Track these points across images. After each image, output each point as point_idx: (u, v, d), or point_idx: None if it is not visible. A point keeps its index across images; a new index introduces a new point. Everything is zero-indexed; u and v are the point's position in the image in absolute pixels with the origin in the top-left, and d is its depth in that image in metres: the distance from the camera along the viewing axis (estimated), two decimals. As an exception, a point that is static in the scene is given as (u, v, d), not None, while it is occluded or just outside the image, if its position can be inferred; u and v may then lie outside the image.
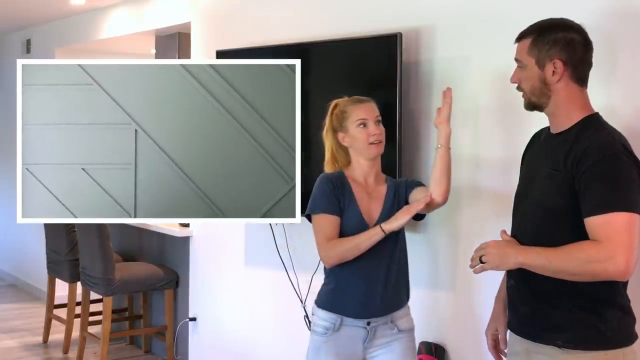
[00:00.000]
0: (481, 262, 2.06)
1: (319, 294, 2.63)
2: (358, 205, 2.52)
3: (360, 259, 2.48)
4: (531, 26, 2.10)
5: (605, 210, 1.88)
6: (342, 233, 2.52)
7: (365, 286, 2.50)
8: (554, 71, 2.03)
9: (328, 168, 2.66)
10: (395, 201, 2.56)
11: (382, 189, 2.59)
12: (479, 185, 2.93)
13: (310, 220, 2.60)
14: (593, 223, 1.90)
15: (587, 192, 1.92)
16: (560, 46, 2.03)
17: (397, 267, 2.55)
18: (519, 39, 2.11)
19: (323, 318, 2.55)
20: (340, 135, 2.58)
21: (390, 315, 2.54)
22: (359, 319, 2.52)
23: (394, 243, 2.52)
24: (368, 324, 2.52)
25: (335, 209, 2.51)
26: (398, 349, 2.55)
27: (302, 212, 2.64)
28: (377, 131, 2.52)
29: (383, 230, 2.43)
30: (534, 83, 2.06)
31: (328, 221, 2.51)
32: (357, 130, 2.53)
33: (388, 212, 2.52)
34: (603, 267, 1.88)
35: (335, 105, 2.63)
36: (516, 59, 2.11)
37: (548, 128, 2.16)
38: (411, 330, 2.61)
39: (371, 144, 2.52)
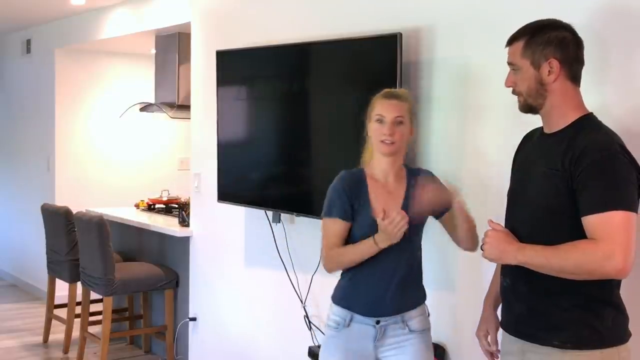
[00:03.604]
0: (481, 249, 2.07)
1: (335, 288, 2.64)
2: (372, 206, 2.50)
3: (373, 258, 2.48)
4: (521, 29, 2.10)
5: (603, 208, 1.89)
6: (353, 234, 2.52)
7: (375, 286, 2.51)
8: (549, 71, 2.03)
9: (364, 157, 2.63)
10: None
11: (402, 187, 2.56)
12: (479, 185, 2.93)
13: None
14: (590, 221, 1.91)
15: (584, 190, 1.93)
16: (554, 45, 2.03)
17: (410, 268, 2.54)
18: (510, 42, 2.11)
19: (335, 313, 2.57)
20: (368, 125, 2.57)
21: (401, 315, 2.53)
22: (368, 317, 2.52)
23: (408, 244, 2.50)
24: (377, 322, 2.52)
25: (345, 214, 2.51)
26: (410, 350, 2.54)
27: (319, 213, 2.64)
28: (388, 131, 2.47)
29: (377, 244, 2.43)
30: (530, 84, 2.06)
31: (335, 226, 2.52)
32: (374, 125, 2.52)
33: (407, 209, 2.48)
34: (601, 266, 1.88)
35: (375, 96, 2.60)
36: (509, 63, 2.11)
37: (541, 128, 2.17)
38: (424, 330, 2.58)
39: (382, 141, 2.50)
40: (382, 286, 2.50)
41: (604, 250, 1.87)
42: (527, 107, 2.11)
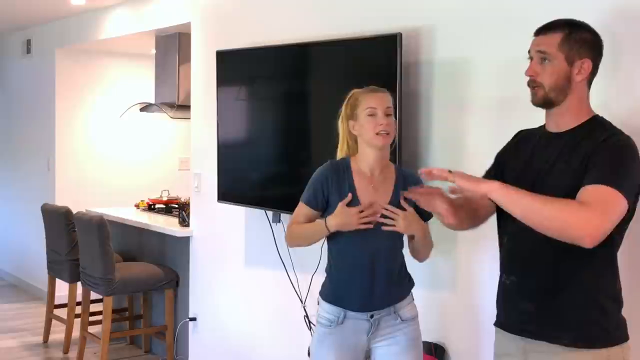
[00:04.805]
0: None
1: (323, 285, 2.66)
2: (359, 197, 2.53)
3: (359, 254, 2.53)
4: (558, 21, 2.08)
5: (602, 182, 1.89)
6: None
7: (365, 281, 2.53)
8: (579, 70, 2.03)
9: (340, 155, 2.67)
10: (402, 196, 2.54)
11: (390, 183, 2.58)
12: (479, 185, 2.93)
13: None
14: (586, 189, 1.90)
15: (592, 170, 1.93)
16: (588, 46, 2.04)
17: (395, 260, 2.58)
18: (546, 31, 2.07)
19: (327, 310, 2.58)
20: (351, 123, 2.58)
21: (393, 306, 2.56)
22: (362, 312, 2.54)
23: (391, 236, 2.53)
24: (371, 316, 2.54)
25: (317, 204, 2.58)
26: (401, 339, 2.57)
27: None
28: (384, 122, 2.51)
29: (327, 228, 2.50)
30: (557, 78, 2.04)
31: (304, 210, 2.61)
32: (366, 120, 2.53)
33: (397, 206, 2.51)
34: (577, 223, 1.86)
35: (352, 94, 2.63)
36: (541, 51, 2.05)
37: (542, 128, 2.16)
38: (414, 318, 2.61)
39: (378, 134, 2.51)
40: (373, 281, 2.53)
41: (588, 211, 1.86)
42: (546, 101, 2.07)
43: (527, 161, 2.17)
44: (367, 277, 2.52)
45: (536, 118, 2.20)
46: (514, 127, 2.36)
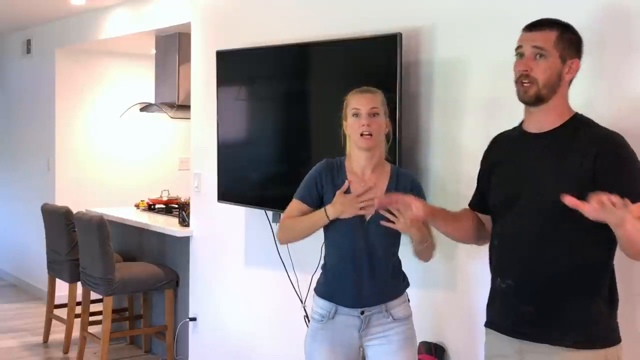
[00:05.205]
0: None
1: (318, 281, 2.69)
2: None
3: (351, 250, 2.55)
4: (549, 19, 2.09)
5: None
6: (335, 223, 2.54)
7: (357, 277, 2.54)
8: (569, 69, 2.06)
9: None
10: None
11: (382, 184, 2.58)
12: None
13: None
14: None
15: (621, 177, 1.93)
16: (576, 47, 2.08)
17: (389, 258, 2.59)
18: (540, 28, 2.07)
19: (320, 306, 2.62)
20: (344, 124, 2.62)
21: (384, 304, 2.56)
22: (352, 308, 2.56)
23: (386, 234, 2.52)
24: (362, 313, 2.55)
25: (312, 201, 2.60)
26: (395, 339, 2.57)
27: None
28: (366, 122, 2.51)
29: (327, 216, 2.51)
30: (551, 75, 2.05)
31: (298, 206, 2.62)
32: (352, 120, 2.56)
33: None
34: None
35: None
36: (537, 47, 2.05)
37: (518, 129, 2.17)
38: (407, 317, 2.61)
39: (362, 135, 2.52)
40: (363, 277, 2.54)
41: None
42: (537, 97, 2.06)
43: (515, 165, 2.15)
44: (358, 273, 2.54)
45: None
46: (514, 125, 2.36)
